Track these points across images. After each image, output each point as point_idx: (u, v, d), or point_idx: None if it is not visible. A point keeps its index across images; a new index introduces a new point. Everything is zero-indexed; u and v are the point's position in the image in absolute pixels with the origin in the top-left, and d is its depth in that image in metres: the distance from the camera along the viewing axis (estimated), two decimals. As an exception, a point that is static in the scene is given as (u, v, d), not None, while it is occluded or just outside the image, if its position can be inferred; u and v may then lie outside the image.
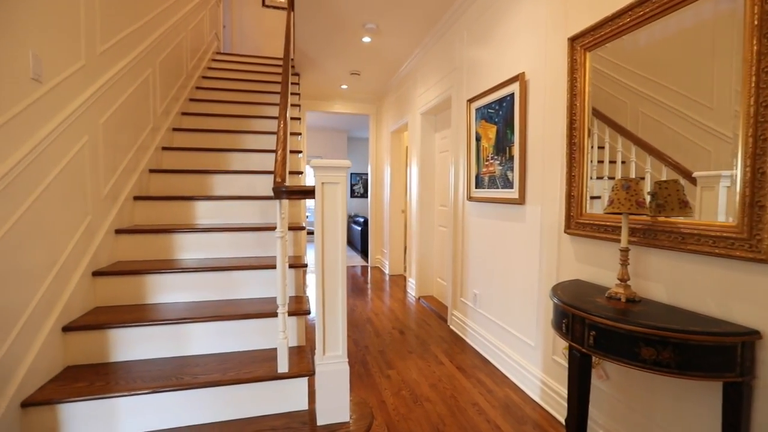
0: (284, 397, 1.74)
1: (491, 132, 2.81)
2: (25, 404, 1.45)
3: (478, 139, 3.01)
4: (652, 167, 1.56)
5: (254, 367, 1.75)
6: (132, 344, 1.81)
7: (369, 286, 5.32)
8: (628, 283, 1.47)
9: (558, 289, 1.64)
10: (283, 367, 1.71)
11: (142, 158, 2.63)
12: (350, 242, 8.86)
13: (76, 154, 1.82)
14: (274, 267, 2.19)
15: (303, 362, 1.82)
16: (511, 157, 2.54)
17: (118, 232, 2.20)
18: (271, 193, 2.91)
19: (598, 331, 1.30)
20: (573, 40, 1.91)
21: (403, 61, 4.85)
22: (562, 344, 2.02)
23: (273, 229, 2.45)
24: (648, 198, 1.50)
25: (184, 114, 3.48)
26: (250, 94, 4.15)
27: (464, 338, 3.24)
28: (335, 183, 1.64)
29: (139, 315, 1.86)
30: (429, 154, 4.55)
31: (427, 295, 4.60)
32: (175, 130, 3.24)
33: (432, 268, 4.60)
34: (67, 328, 1.70)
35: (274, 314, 1.91)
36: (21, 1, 1.48)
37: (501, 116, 2.66)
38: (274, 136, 3.45)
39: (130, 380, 1.62)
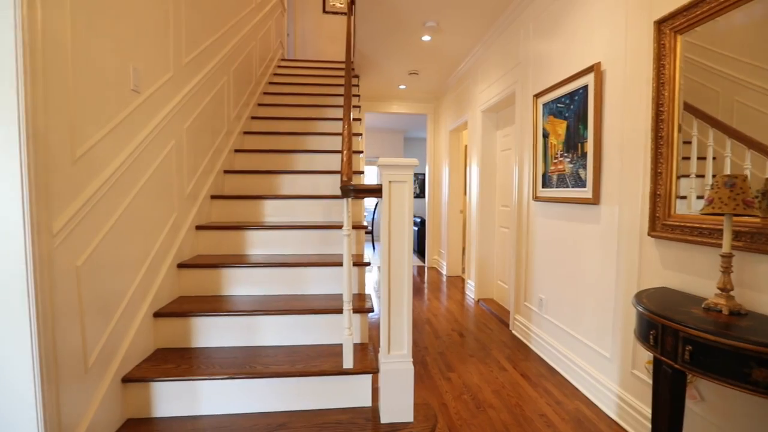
0: (349, 392, 1.78)
1: (561, 128, 2.64)
2: (125, 380, 1.62)
3: (545, 136, 2.85)
4: (752, 163, 1.37)
5: (320, 362, 1.81)
6: (210, 332, 1.95)
7: (426, 286, 5.28)
8: (732, 293, 1.30)
9: (643, 297, 1.50)
10: (348, 363, 1.74)
11: (218, 160, 2.83)
12: (405, 242, 8.84)
13: (165, 156, 2.01)
14: (338, 264, 2.24)
15: (366, 359, 1.85)
16: (584, 154, 2.37)
17: (198, 228, 2.39)
18: (335, 192, 3.00)
19: (695, 345, 1.16)
20: (660, 23, 1.73)
21: (463, 59, 4.75)
22: (644, 357, 1.85)
23: (337, 227, 2.52)
24: (757, 197, 1.32)
25: (253, 118, 3.71)
26: (313, 98, 4.31)
27: (528, 344, 3.09)
28: (402, 182, 1.64)
29: (217, 306, 2.01)
30: (490, 153, 4.41)
31: (487, 297, 4.46)
32: (245, 133, 3.45)
33: (492, 270, 4.45)
34: (157, 314, 1.87)
35: (339, 311, 1.96)
36: (124, 20, 1.66)
37: (572, 111, 2.50)
38: (336, 137, 3.55)
39: (210, 365, 1.74)
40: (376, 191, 1.65)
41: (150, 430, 1.60)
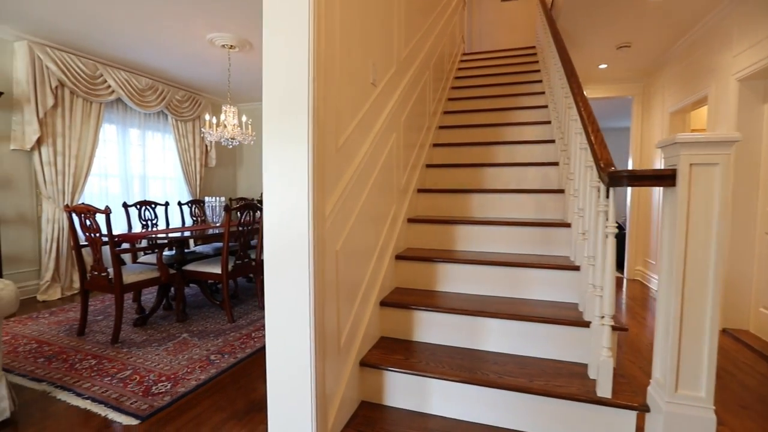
0: (602, 426, 1.43)
1: None
2: (362, 364, 1.67)
3: None
4: None
5: (562, 381, 1.52)
6: (430, 328, 1.89)
7: (633, 303, 4.33)
8: None
9: None
10: (604, 390, 1.40)
11: (421, 155, 2.84)
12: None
13: (389, 149, 2.05)
14: (564, 268, 1.91)
15: (627, 390, 1.46)
16: None
17: (410, 221, 2.40)
18: (544, 186, 2.65)
19: None
20: None
21: (699, 19, 3.68)
22: None
23: (560, 225, 2.18)
24: None
25: (445, 113, 3.66)
26: (502, 87, 4.02)
27: None
28: (712, 164, 1.20)
29: (433, 301, 1.94)
30: (752, 135, 3.27)
31: (738, 328, 3.33)
32: (440, 128, 3.41)
33: (748, 292, 3.30)
34: (383, 303, 1.91)
35: (578, 323, 1.63)
36: (368, 18, 1.72)
37: None
38: (538, 127, 3.18)
39: (437, 364, 1.66)
40: (664, 178, 1.26)
41: (383, 416, 1.61)
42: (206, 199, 3.72)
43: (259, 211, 3.33)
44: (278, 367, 1.31)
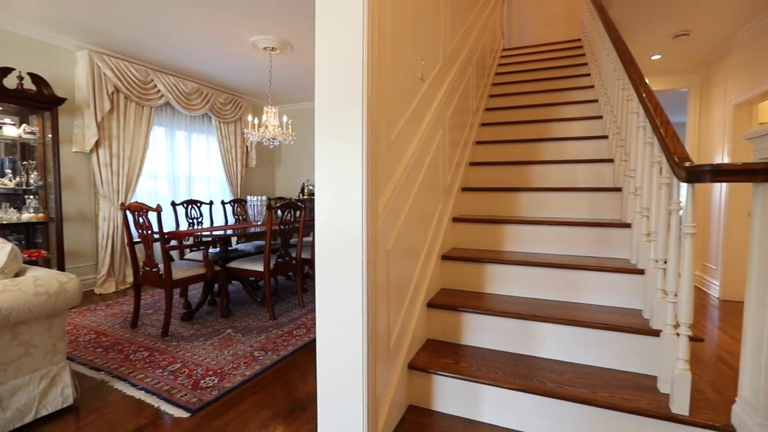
0: (677, 446, 1.31)
1: None
2: (410, 367, 1.63)
3: None
4: None
5: (630, 394, 1.40)
6: (479, 331, 1.81)
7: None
8: None
9: None
10: (681, 407, 1.28)
11: (465, 152, 2.75)
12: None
13: (436, 146, 1.99)
14: (630, 271, 1.77)
15: (702, 407, 1.33)
16: None
17: (455, 220, 2.33)
18: (597, 184, 2.49)
19: None
20: None
21: (776, -2, 3.35)
22: None
23: (617, 225, 2.04)
24: None
25: (487, 110, 3.55)
26: (546, 82, 3.85)
27: None
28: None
29: (482, 303, 1.86)
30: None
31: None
32: (482, 125, 3.31)
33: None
34: (430, 305, 1.86)
35: (650, 331, 1.50)
36: (417, 12, 1.67)
37: None
38: (585, 122, 3.01)
39: (489, 369, 1.59)
40: (756, 173, 1.12)
41: (432, 422, 1.55)
42: (248, 198, 3.81)
43: (299, 210, 3.37)
44: (329, 370, 1.28)
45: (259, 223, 3.82)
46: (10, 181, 3.25)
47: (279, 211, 3.14)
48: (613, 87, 2.58)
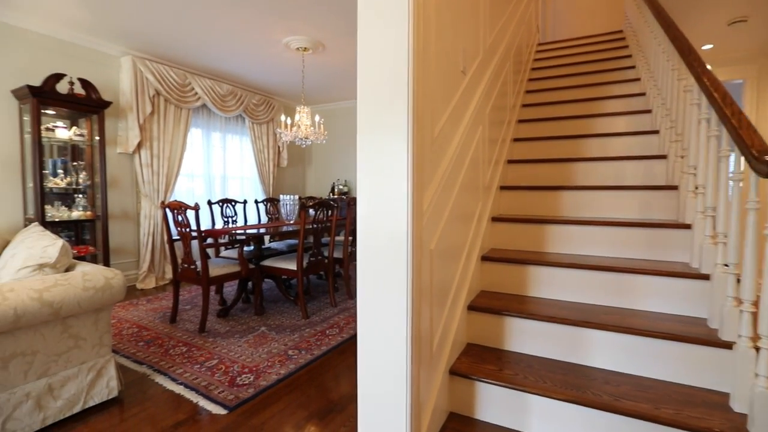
0: (756, 472, 1.18)
1: None
2: (452, 372, 1.56)
3: None
4: None
5: (699, 412, 1.27)
6: (524, 336, 1.72)
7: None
8: None
9: None
10: (763, 430, 1.15)
11: (503, 150, 2.65)
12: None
13: (476, 143, 1.91)
14: (692, 276, 1.63)
15: (786, 430, 1.19)
16: None
17: (494, 219, 2.24)
18: (648, 182, 2.32)
19: None
20: None
21: None
22: None
23: (670, 226, 1.89)
24: None
25: (524, 106, 3.41)
26: (585, 77, 3.67)
27: None
28: None
29: (525, 307, 1.77)
30: None
31: None
32: (519, 122, 3.19)
33: None
34: (471, 307, 1.78)
35: (719, 343, 1.37)
36: (459, 2, 1.60)
37: None
38: (631, 117, 2.82)
39: (537, 378, 1.50)
40: None
41: (474, 431, 1.48)
42: (281, 197, 3.85)
43: (332, 209, 3.36)
44: (371, 374, 1.24)
45: (291, 222, 3.85)
46: (62, 180, 3.42)
47: (312, 210, 3.14)
48: (666, 78, 2.41)
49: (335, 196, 5.98)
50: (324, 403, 1.96)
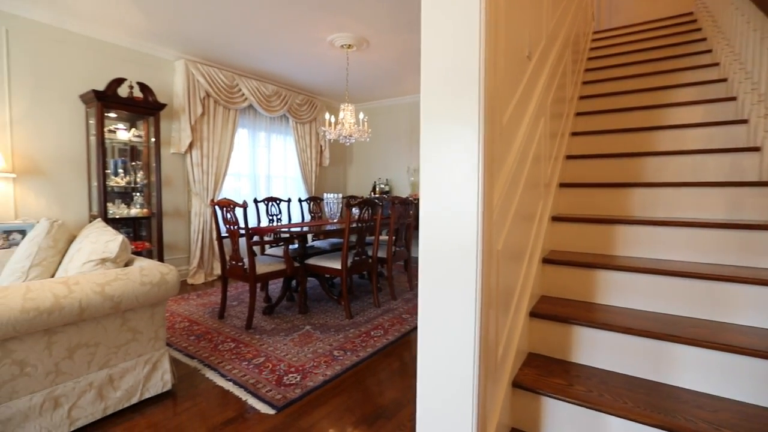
0: None
1: None
2: (515, 384, 1.43)
3: None
4: None
5: (824, 449, 1.07)
6: (595, 348, 1.55)
7: None
8: None
9: None
10: None
11: (562, 144, 2.46)
12: None
13: (539, 137, 1.76)
14: (800, 287, 1.40)
15: None
16: None
17: (555, 219, 2.07)
18: (740, 178, 2.05)
19: None
20: None
21: None
22: None
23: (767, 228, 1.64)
24: None
25: (581, 98, 3.18)
26: (650, 64, 3.35)
27: None
28: None
29: (595, 315, 1.60)
30: None
31: None
32: (577, 115, 2.96)
33: None
34: (533, 314, 1.64)
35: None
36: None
37: None
38: (710, 106, 2.53)
39: (615, 397, 1.33)
40: None
41: (541, 452, 1.34)
42: (324, 195, 3.84)
43: (376, 208, 3.29)
44: (434, 384, 1.14)
45: (335, 221, 3.83)
46: (122, 180, 3.60)
47: (355, 209, 3.09)
48: (758, 58, 2.12)
49: (377, 195, 5.93)
50: (372, 408, 1.88)
